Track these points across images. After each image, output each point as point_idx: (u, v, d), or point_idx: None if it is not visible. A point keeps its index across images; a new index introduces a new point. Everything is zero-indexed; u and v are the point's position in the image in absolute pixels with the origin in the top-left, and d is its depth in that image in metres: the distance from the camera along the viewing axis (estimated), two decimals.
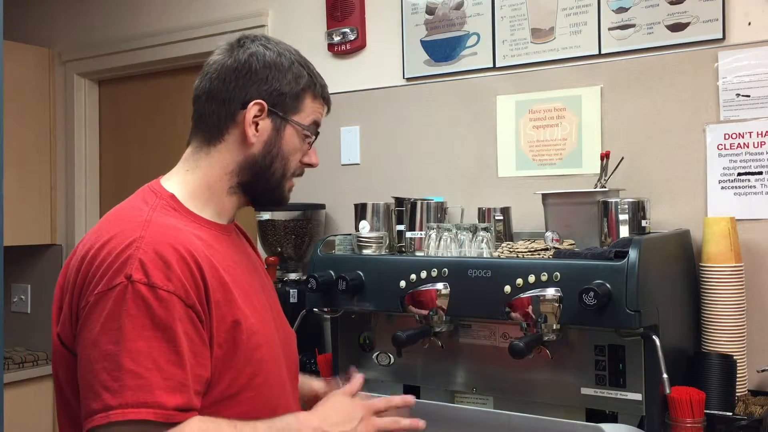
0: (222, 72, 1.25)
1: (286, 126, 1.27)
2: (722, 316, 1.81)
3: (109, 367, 1.03)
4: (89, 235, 1.18)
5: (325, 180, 2.59)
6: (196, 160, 1.27)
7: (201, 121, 1.27)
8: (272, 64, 1.25)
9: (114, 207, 1.25)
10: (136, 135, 3.32)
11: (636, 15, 2.07)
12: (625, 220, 1.77)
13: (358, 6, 2.54)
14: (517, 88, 2.26)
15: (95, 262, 1.10)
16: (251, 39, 1.28)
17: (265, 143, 1.26)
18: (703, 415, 1.59)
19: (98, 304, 1.06)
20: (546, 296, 1.59)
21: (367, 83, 2.55)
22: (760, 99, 1.92)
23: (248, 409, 1.17)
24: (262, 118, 1.24)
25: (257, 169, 1.26)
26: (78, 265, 1.13)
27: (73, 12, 3.40)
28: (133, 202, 1.23)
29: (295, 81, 1.27)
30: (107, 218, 1.21)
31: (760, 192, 1.92)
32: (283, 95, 1.26)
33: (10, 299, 3.48)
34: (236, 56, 1.25)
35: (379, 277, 1.85)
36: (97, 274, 1.08)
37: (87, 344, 1.06)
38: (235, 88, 1.24)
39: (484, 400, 1.86)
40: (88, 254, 1.12)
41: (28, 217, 3.29)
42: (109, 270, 1.07)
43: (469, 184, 2.33)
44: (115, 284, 1.06)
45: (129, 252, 1.08)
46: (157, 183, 1.27)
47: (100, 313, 1.06)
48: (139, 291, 1.05)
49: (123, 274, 1.06)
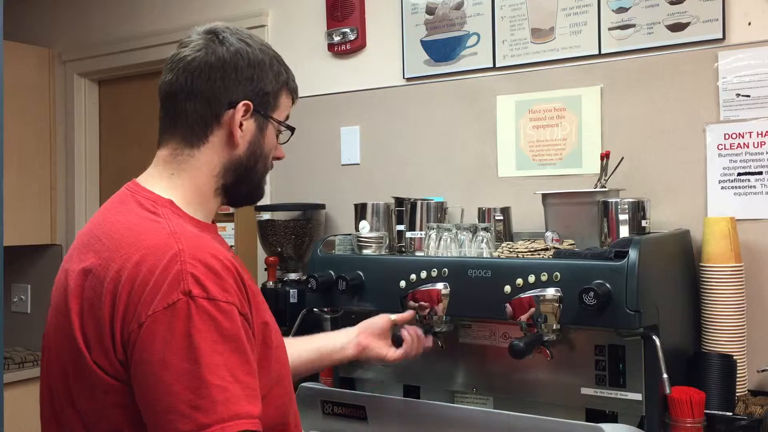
0: (204, 69, 1.19)
1: (267, 125, 1.25)
2: (722, 316, 1.81)
3: (191, 386, 0.98)
4: (99, 255, 1.09)
5: (325, 180, 2.59)
6: (180, 162, 1.21)
7: (178, 120, 1.21)
8: (257, 62, 1.22)
9: (104, 219, 1.16)
10: (136, 135, 3.32)
11: (636, 15, 2.07)
12: (625, 220, 1.77)
13: (358, 6, 2.54)
14: (517, 88, 2.26)
15: (136, 282, 1.03)
16: (226, 33, 1.22)
17: (250, 143, 1.23)
18: (703, 415, 1.59)
19: (158, 324, 1.00)
20: (546, 296, 1.59)
21: (367, 83, 2.55)
22: (760, 99, 1.92)
23: (278, 405, 1.17)
24: (247, 119, 1.21)
25: (242, 170, 1.23)
26: (112, 288, 1.05)
27: (73, 12, 3.40)
28: (131, 210, 1.16)
29: (275, 79, 1.24)
30: (117, 234, 1.11)
31: (760, 192, 1.92)
32: (267, 94, 1.23)
33: (10, 299, 3.48)
34: (218, 53, 1.19)
35: (379, 277, 1.85)
36: (143, 293, 1.02)
37: (154, 366, 1.00)
38: (220, 88, 1.19)
39: (484, 400, 1.86)
40: (121, 275, 1.05)
41: (28, 217, 3.29)
42: (160, 288, 1.02)
43: (469, 184, 2.33)
44: (173, 301, 1.01)
45: (176, 267, 1.03)
46: (143, 188, 1.20)
47: (163, 333, 1.00)
48: (202, 306, 1.02)
49: (179, 290, 1.01)
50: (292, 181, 2.61)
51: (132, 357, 1.02)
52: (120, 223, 1.13)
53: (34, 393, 3.48)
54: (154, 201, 1.17)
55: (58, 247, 3.39)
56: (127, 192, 1.20)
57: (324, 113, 2.61)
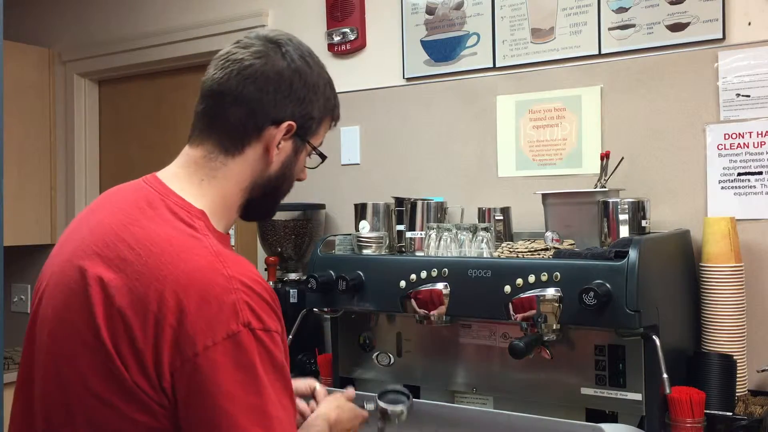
0: (259, 78, 1.13)
1: (303, 149, 1.22)
2: (722, 316, 1.81)
3: (258, 420, 0.99)
4: (132, 267, 1.03)
5: (325, 180, 2.59)
6: (213, 169, 1.15)
7: (217, 121, 1.15)
8: (312, 85, 1.18)
9: (131, 222, 1.08)
10: (136, 135, 3.32)
11: (636, 15, 2.07)
12: (625, 220, 1.77)
13: (358, 6, 2.54)
14: (517, 88, 2.26)
15: (187, 308, 0.99)
16: (290, 46, 1.17)
17: (283, 164, 1.19)
18: (703, 415, 1.59)
19: (219, 356, 0.99)
20: (546, 296, 1.59)
21: (367, 83, 2.55)
22: (760, 99, 1.92)
23: None
24: (286, 139, 1.17)
25: (270, 188, 1.20)
26: (156, 310, 1.00)
27: (73, 12, 3.40)
28: (165, 219, 1.08)
29: (324, 106, 1.22)
30: (155, 247, 1.04)
31: (760, 192, 1.92)
32: (312, 119, 1.20)
33: (10, 299, 3.48)
34: (278, 66, 1.15)
35: (379, 277, 1.85)
36: (197, 321, 0.99)
37: (217, 398, 0.98)
38: (271, 102, 1.14)
39: (484, 400, 1.86)
40: (166, 298, 1.00)
41: (28, 217, 3.29)
42: (216, 316, 1.00)
43: (469, 184, 2.33)
44: (233, 332, 0.99)
45: (231, 296, 1.01)
46: (171, 192, 1.13)
47: (226, 364, 0.99)
48: (261, 338, 1.01)
49: (238, 321, 1.00)
50: None
51: (187, 386, 1.00)
52: (155, 233, 1.06)
53: None
54: (188, 211, 1.10)
55: None
56: (154, 192, 1.13)
57: None
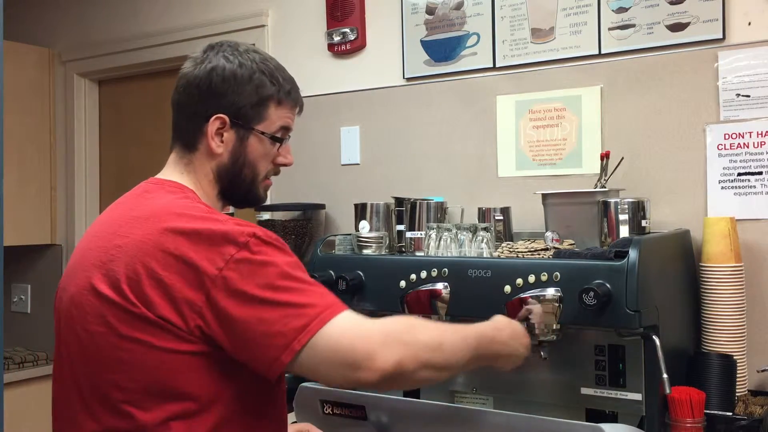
0: (187, 86, 1.32)
1: (249, 135, 1.32)
2: (722, 316, 1.81)
3: (292, 314, 1.10)
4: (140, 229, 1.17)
5: (325, 180, 2.59)
6: (185, 165, 1.33)
7: (177, 129, 1.35)
8: (231, 77, 1.30)
9: (137, 205, 1.25)
10: (136, 135, 3.32)
11: (636, 15, 2.07)
12: (625, 220, 1.77)
13: (358, 6, 2.54)
14: (517, 88, 2.26)
15: (198, 237, 1.14)
16: (216, 49, 1.33)
17: (231, 152, 1.32)
18: (703, 415, 1.59)
19: (238, 264, 1.11)
20: (546, 296, 1.59)
21: (367, 83, 2.55)
22: (760, 99, 1.92)
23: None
24: (226, 130, 1.30)
25: (230, 176, 1.33)
26: (173, 248, 1.13)
27: (73, 12, 3.40)
28: (162, 196, 1.26)
29: (255, 92, 1.31)
30: (157, 209, 1.21)
31: (760, 192, 1.92)
32: (244, 107, 1.30)
33: (10, 299, 3.47)
34: (198, 70, 1.31)
35: (379, 277, 1.85)
36: (212, 245, 1.12)
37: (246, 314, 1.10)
38: (198, 103, 1.31)
39: (484, 400, 1.86)
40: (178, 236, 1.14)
41: (28, 217, 3.29)
42: (225, 237, 1.13)
43: (469, 184, 2.33)
44: (244, 242, 1.13)
45: (234, 228, 1.15)
46: (167, 180, 1.32)
47: (246, 268, 1.11)
48: (268, 242, 1.15)
49: (245, 234, 1.13)
50: (293, 181, 2.61)
51: (216, 317, 1.11)
52: (155, 202, 1.24)
53: (34, 393, 3.49)
54: (180, 189, 1.29)
55: (58, 247, 3.38)
56: (152, 184, 1.31)
57: (324, 113, 2.61)
